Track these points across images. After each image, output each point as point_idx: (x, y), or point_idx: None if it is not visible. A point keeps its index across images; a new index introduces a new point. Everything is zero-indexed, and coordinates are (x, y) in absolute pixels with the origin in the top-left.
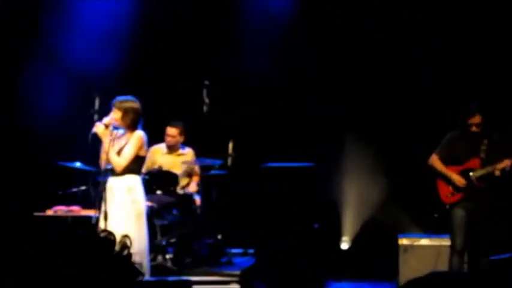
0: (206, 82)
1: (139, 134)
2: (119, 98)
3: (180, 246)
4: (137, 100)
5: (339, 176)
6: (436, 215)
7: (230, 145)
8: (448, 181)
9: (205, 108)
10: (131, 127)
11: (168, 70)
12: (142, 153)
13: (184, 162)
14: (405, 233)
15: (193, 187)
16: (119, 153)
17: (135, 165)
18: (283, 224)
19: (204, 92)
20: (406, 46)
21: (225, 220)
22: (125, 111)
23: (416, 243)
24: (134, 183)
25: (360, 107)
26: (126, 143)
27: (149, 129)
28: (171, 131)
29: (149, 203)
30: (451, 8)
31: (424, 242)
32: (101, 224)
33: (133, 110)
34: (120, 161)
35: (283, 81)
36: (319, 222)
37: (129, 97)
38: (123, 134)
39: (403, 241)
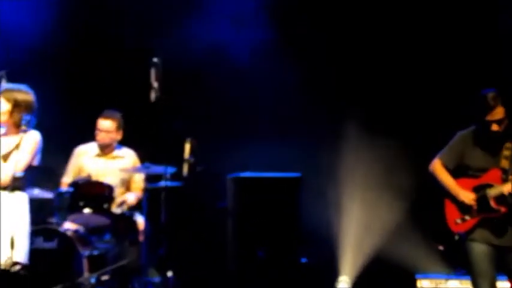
0: (155, 60)
1: (37, 136)
2: (9, 86)
3: (115, 286)
4: (32, 92)
5: (335, 192)
6: (441, 248)
7: (187, 146)
8: (456, 201)
9: (152, 95)
10: (19, 126)
11: (102, 45)
12: (34, 162)
13: (122, 170)
14: (425, 272)
15: (131, 199)
16: (5, 158)
17: (23, 180)
18: (260, 258)
19: (152, 73)
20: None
21: (178, 251)
22: (16, 104)
23: (441, 286)
24: (21, 202)
25: (364, 99)
26: (17, 146)
27: (75, 122)
28: (104, 124)
29: (73, 226)
30: None
31: (453, 284)
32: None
33: (26, 103)
34: (10, 170)
35: (263, 61)
36: (308, 255)
37: (22, 86)
38: (5, 134)
39: (423, 283)
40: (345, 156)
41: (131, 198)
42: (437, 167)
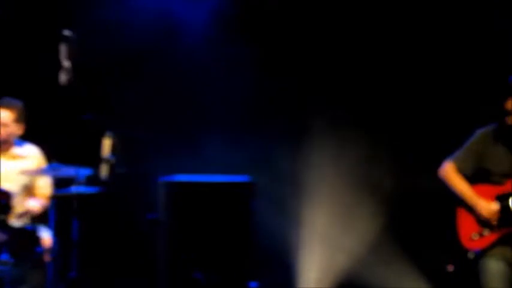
0: (66, 33)
1: None
2: None
3: None
4: None
5: (295, 201)
6: (450, 269)
7: (106, 143)
8: (473, 212)
9: (63, 77)
10: None
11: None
12: None
13: (23, 172)
14: None
15: (35, 208)
16: None
17: None
18: (198, 283)
19: (63, 49)
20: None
21: (93, 274)
22: None
23: None
24: None
25: (330, 90)
26: None
27: None
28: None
29: None
30: None
31: None
32: None
33: None
34: None
35: (214, 44)
36: (260, 278)
37: None
38: None
39: None
40: (308, 157)
41: (35, 206)
42: (450, 171)
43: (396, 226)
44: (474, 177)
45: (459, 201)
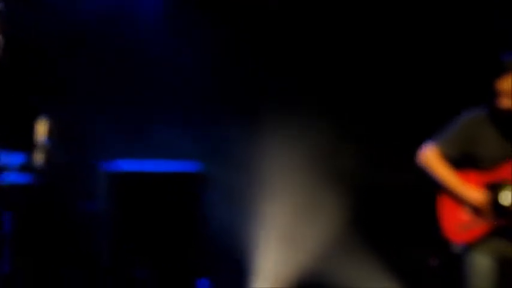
0: None
1: None
2: None
3: None
4: None
5: (251, 192)
6: (432, 263)
7: (41, 127)
8: (458, 202)
9: None
10: None
11: None
12: None
13: None
14: None
15: None
16: None
17: None
18: (142, 281)
19: None
20: None
21: (28, 270)
22: None
23: None
24: None
25: (288, 70)
26: None
27: None
28: None
29: None
30: None
31: None
32: None
33: None
34: None
35: (165, 22)
36: (212, 276)
37: None
38: None
39: None
40: (267, 145)
41: None
42: (432, 156)
43: (365, 220)
44: (460, 163)
45: (442, 191)
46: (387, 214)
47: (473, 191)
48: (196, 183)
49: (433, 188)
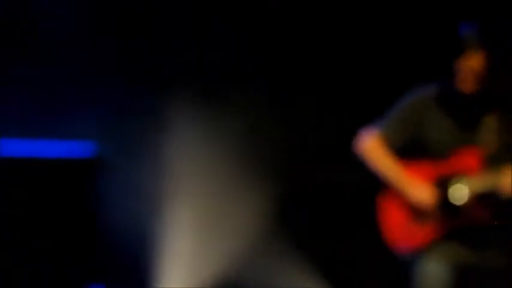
0: None
1: None
2: None
3: None
4: None
5: (156, 184)
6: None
7: None
8: (405, 200)
9: None
10: None
11: None
12: None
13: None
14: None
15: None
16: None
17: None
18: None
19: None
20: None
21: None
22: None
23: None
24: None
25: (200, 47)
26: None
27: None
28: None
29: None
30: None
31: None
32: None
33: None
34: None
35: None
36: (106, 280)
37: None
38: None
39: None
40: (176, 128)
41: None
42: (372, 144)
43: (288, 217)
44: (406, 153)
45: (384, 186)
46: (313, 209)
47: (418, 188)
48: (88, 173)
49: (375, 182)
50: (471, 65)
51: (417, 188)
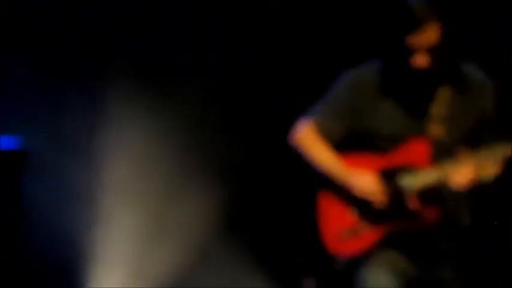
0: None
1: None
2: None
3: None
4: None
5: (90, 178)
6: (309, 283)
7: None
8: (343, 196)
9: None
10: None
11: None
12: None
13: None
14: None
15: None
16: None
17: None
18: None
19: None
20: None
21: None
22: None
23: None
24: None
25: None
26: None
27: None
28: None
29: None
30: None
31: None
32: None
33: None
34: None
35: None
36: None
37: None
38: None
39: None
40: (113, 124)
41: None
42: (307, 135)
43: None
44: (347, 143)
45: (321, 182)
46: (261, 209)
47: (361, 176)
48: (12, 166)
49: (314, 177)
50: (427, 39)
51: (360, 176)
